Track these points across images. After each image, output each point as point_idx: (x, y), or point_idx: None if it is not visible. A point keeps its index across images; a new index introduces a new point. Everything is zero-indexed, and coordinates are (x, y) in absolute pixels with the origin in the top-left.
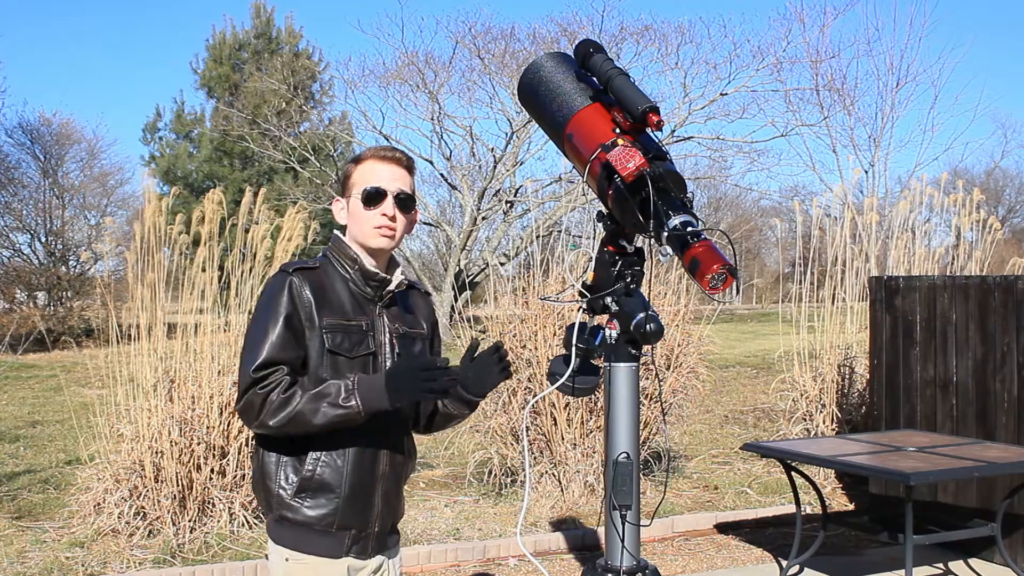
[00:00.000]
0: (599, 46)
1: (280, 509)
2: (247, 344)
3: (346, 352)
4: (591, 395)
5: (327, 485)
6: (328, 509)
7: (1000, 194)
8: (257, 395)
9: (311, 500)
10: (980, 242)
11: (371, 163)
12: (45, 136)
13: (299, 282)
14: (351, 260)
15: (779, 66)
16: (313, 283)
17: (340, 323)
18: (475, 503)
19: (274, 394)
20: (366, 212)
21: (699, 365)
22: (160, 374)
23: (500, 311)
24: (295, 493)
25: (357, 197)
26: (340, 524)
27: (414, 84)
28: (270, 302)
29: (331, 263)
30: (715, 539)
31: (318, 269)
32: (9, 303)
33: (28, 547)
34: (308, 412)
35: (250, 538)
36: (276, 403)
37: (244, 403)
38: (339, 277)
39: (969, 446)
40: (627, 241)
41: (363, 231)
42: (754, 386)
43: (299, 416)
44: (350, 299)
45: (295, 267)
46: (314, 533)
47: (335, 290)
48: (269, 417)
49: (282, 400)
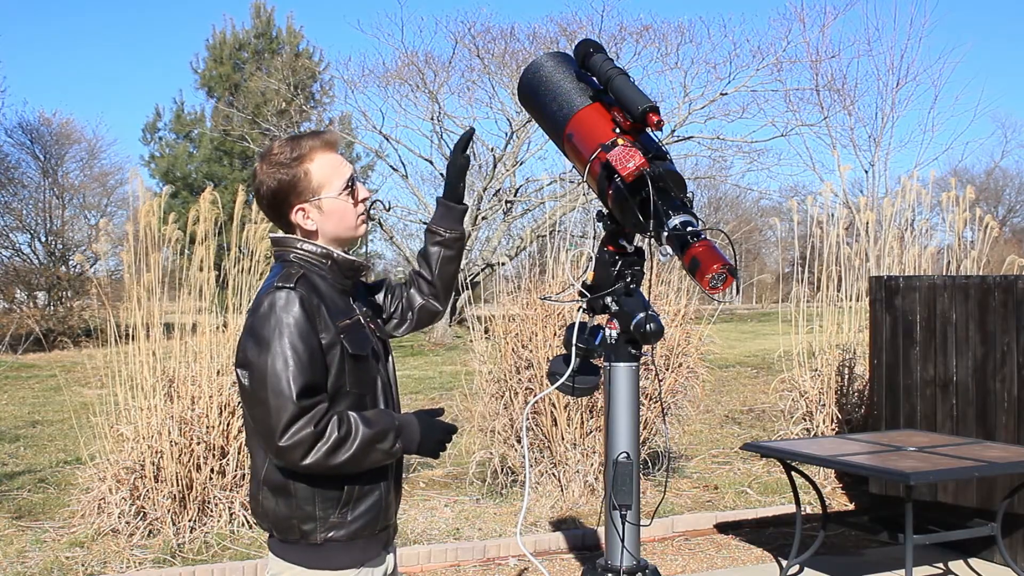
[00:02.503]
0: (599, 46)
1: (325, 532)
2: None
3: (360, 351)
4: (591, 395)
5: (367, 490)
6: (375, 512)
7: (1000, 194)
8: (308, 430)
9: (355, 510)
10: (978, 242)
11: (325, 155)
12: (45, 136)
13: (305, 293)
14: (324, 258)
15: (779, 66)
16: (315, 292)
17: (348, 324)
18: (475, 503)
19: (328, 430)
20: (347, 204)
21: (699, 365)
22: (159, 374)
23: (500, 311)
24: (340, 508)
25: (334, 196)
26: (383, 523)
27: (414, 84)
28: (285, 321)
29: (302, 267)
30: (715, 539)
31: (307, 277)
32: (9, 303)
33: (28, 547)
34: (358, 458)
35: (250, 538)
36: (334, 440)
37: (295, 439)
38: (319, 278)
39: (969, 446)
40: (627, 241)
41: (348, 224)
42: (754, 386)
43: (352, 462)
44: (340, 298)
45: (295, 280)
46: (362, 543)
47: (329, 293)
48: (326, 458)
49: (339, 438)
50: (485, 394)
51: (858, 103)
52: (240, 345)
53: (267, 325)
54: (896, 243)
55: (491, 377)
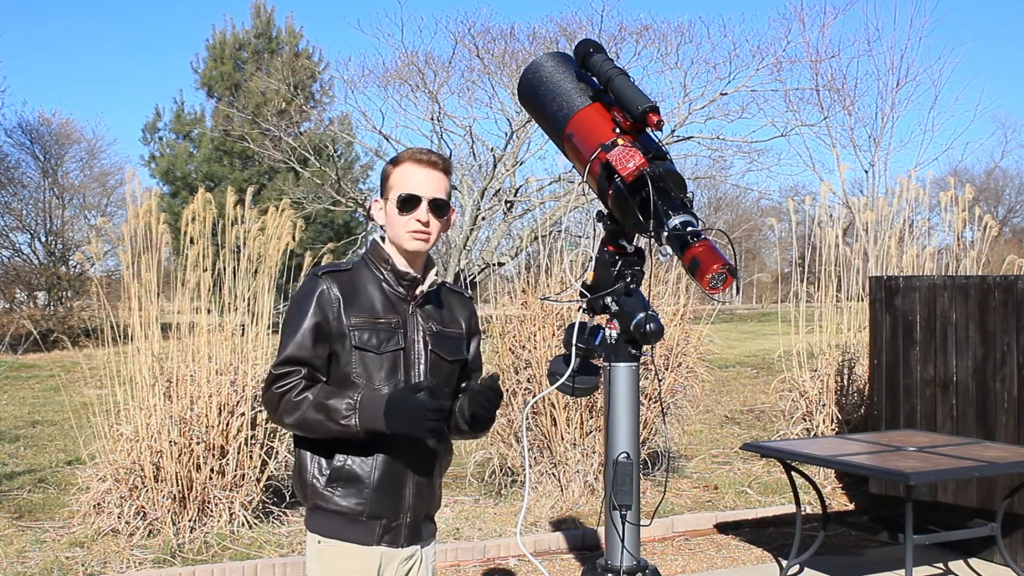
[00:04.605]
0: (599, 46)
1: (314, 498)
2: (280, 341)
3: (374, 348)
4: (591, 395)
5: (356, 476)
6: (358, 499)
7: (1000, 194)
8: (274, 394)
9: (342, 490)
10: (978, 241)
11: (409, 166)
12: (45, 136)
13: (328, 284)
14: (384, 261)
15: (779, 66)
16: (343, 284)
17: (368, 321)
18: (475, 503)
19: (289, 395)
20: (401, 217)
21: (698, 365)
22: (157, 374)
23: (500, 311)
24: (327, 483)
25: (393, 201)
26: (370, 514)
27: (414, 84)
28: (299, 304)
29: (366, 265)
30: (715, 539)
31: (350, 271)
32: (9, 303)
33: (28, 547)
34: (313, 422)
35: (250, 538)
36: (289, 405)
37: (265, 398)
38: (372, 278)
39: (969, 446)
40: (627, 241)
41: (398, 234)
42: (754, 386)
43: (305, 424)
44: (382, 299)
45: (325, 270)
46: (346, 521)
47: (366, 290)
48: (284, 416)
49: (294, 403)
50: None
51: (858, 103)
52: None
53: (290, 305)
54: (894, 243)
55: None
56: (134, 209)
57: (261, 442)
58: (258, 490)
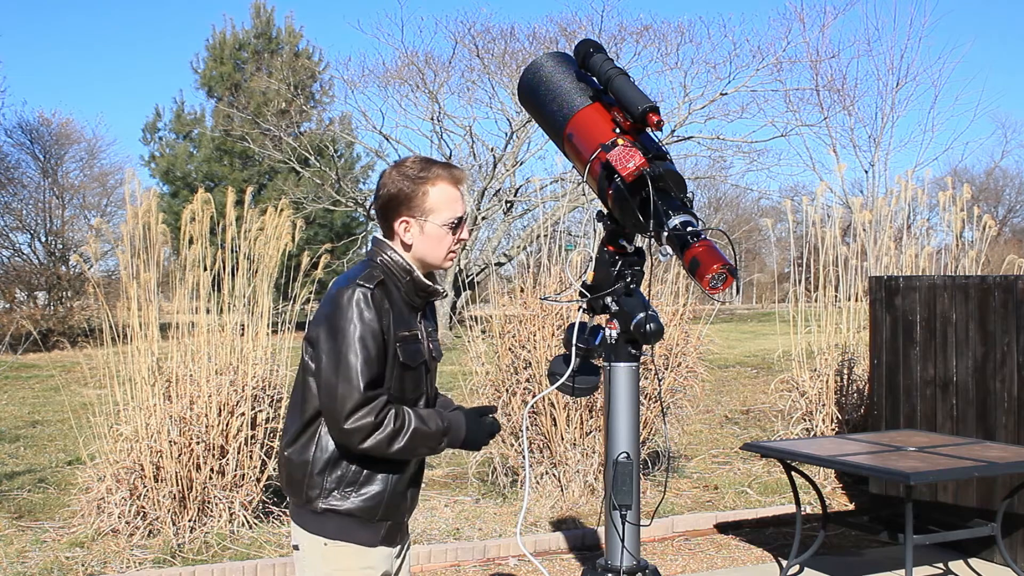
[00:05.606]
0: (599, 46)
1: (326, 501)
2: (341, 360)
3: (411, 362)
4: (591, 395)
5: (374, 479)
6: (374, 502)
7: (1000, 194)
8: (369, 419)
9: (357, 493)
10: (977, 241)
11: (447, 187)
12: (45, 136)
13: (380, 296)
14: (405, 272)
15: (779, 66)
16: (389, 297)
17: (406, 335)
18: (475, 503)
19: (387, 420)
20: (447, 236)
21: (698, 365)
22: (157, 374)
23: (500, 311)
24: (343, 486)
25: (438, 223)
26: (382, 516)
27: (414, 84)
28: (360, 317)
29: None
30: (715, 539)
31: (385, 283)
32: (9, 303)
33: (28, 547)
34: (408, 450)
35: (250, 538)
36: (390, 431)
37: (357, 424)
38: (393, 288)
39: (969, 446)
40: (627, 241)
41: (437, 254)
42: (754, 386)
43: (407, 452)
44: (406, 309)
45: (374, 282)
46: (357, 523)
47: (397, 302)
48: (381, 446)
49: (394, 431)
50: (483, 395)
51: (858, 103)
52: (315, 328)
53: (344, 317)
54: (893, 243)
55: (489, 378)
56: (133, 209)
57: (261, 442)
58: (258, 490)
